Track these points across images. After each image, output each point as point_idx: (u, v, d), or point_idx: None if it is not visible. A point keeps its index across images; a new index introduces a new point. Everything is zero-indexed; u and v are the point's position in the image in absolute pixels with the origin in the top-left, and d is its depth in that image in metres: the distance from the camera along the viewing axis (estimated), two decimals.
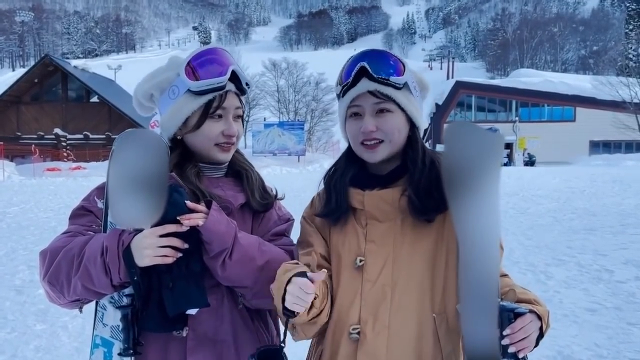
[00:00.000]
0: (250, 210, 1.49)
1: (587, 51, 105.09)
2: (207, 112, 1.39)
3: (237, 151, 1.57)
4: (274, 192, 1.58)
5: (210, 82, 1.36)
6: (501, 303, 1.17)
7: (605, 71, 51.10)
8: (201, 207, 1.29)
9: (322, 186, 1.54)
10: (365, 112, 1.39)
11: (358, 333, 1.34)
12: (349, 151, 1.49)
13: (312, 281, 1.19)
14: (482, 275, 1.11)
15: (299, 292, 1.19)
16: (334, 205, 1.44)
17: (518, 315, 1.17)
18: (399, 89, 1.37)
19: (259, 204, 1.48)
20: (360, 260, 1.38)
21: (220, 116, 1.42)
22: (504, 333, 1.13)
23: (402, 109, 1.39)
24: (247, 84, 1.46)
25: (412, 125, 1.43)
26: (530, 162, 33.95)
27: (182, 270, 1.24)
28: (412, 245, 1.37)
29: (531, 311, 1.19)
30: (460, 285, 1.15)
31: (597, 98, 39.59)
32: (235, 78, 1.42)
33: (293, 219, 1.59)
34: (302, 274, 1.21)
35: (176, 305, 1.23)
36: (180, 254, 1.22)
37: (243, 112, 1.51)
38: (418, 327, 1.34)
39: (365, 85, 1.37)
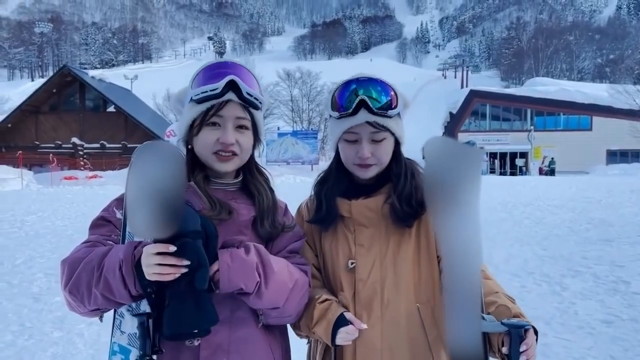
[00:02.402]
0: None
1: (603, 60, 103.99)
2: (204, 120, 1.43)
3: (259, 171, 1.59)
4: (285, 219, 1.57)
5: (204, 89, 1.41)
6: (508, 321, 1.26)
7: (622, 80, 50.55)
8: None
9: (310, 195, 1.69)
10: (362, 140, 1.52)
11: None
12: (338, 163, 1.62)
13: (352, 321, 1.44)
14: (464, 282, 1.16)
15: (348, 337, 1.43)
16: (324, 213, 1.59)
17: (526, 331, 1.24)
18: (392, 117, 1.51)
19: (265, 232, 1.48)
20: (352, 263, 1.55)
21: (217, 124, 1.43)
22: (521, 350, 1.22)
23: (393, 134, 1.53)
24: (250, 94, 1.43)
25: (397, 141, 1.58)
26: (550, 170, 33.01)
27: (181, 289, 1.18)
28: (396, 246, 1.54)
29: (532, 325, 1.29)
30: (443, 289, 1.22)
31: (614, 107, 39.17)
32: (237, 88, 1.42)
33: (304, 237, 1.62)
34: (344, 319, 1.43)
35: (169, 326, 1.19)
36: (183, 270, 1.18)
37: (255, 124, 1.50)
38: (407, 317, 1.51)
39: (364, 116, 1.48)
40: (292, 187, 18.37)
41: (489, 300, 1.37)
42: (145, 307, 1.31)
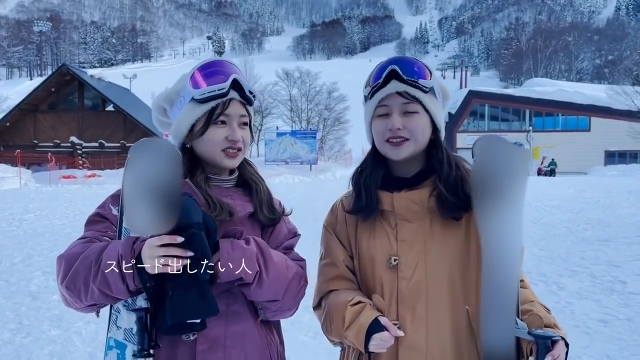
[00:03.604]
0: (259, 221, 1.53)
1: (602, 60, 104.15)
2: (210, 119, 1.44)
3: (249, 163, 1.61)
4: (282, 207, 1.60)
5: (211, 89, 1.42)
6: (535, 331, 1.23)
7: (621, 80, 50.48)
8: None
9: (348, 188, 1.61)
10: (393, 112, 1.46)
11: (398, 329, 1.39)
12: (375, 152, 1.56)
13: (387, 328, 1.33)
14: (503, 282, 1.17)
15: (383, 344, 1.33)
16: (364, 203, 1.50)
17: (554, 342, 1.21)
18: (425, 92, 1.46)
19: (266, 218, 1.51)
20: (395, 260, 1.44)
21: (223, 122, 1.46)
22: None
23: (427, 111, 1.47)
24: (251, 92, 1.48)
25: (435, 129, 1.51)
26: (550, 171, 32.83)
27: (184, 279, 1.20)
28: (442, 243, 1.44)
29: (562, 337, 1.25)
30: (481, 289, 1.21)
31: (613, 107, 39.19)
32: (238, 87, 1.45)
33: (299, 234, 1.63)
34: (378, 325, 1.33)
35: (173, 314, 1.21)
36: (187, 261, 1.20)
37: (250, 121, 1.54)
38: (453, 320, 1.41)
39: (394, 86, 1.45)
40: (291, 187, 18.40)
41: (525, 308, 1.35)
42: (141, 302, 1.32)
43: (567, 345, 1.25)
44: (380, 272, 1.46)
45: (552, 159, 34.48)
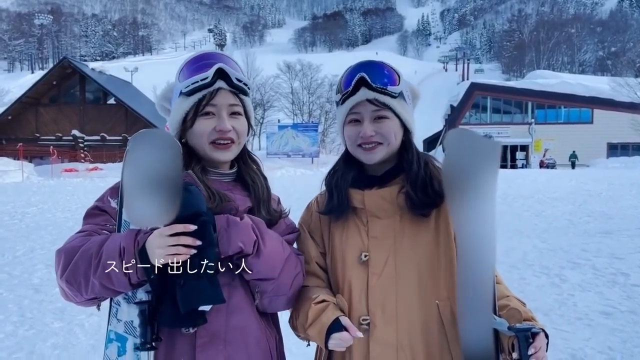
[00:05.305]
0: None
1: (605, 52, 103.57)
2: (198, 111, 1.42)
3: (252, 159, 1.59)
4: (280, 207, 1.59)
5: (194, 79, 1.40)
6: (513, 325, 1.25)
7: (624, 72, 50.25)
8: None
9: (323, 188, 1.65)
10: (364, 119, 1.50)
11: (368, 324, 1.42)
12: (347, 154, 1.59)
13: (347, 328, 1.34)
14: (478, 274, 1.17)
15: (342, 343, 1.35)
16: (336, 203, 1.54)
17: (535, 335, 1.23)
18: (394, 97, 1.48)
19: (263, 219, 1.48)
20: (365, 256, 1.47)
21: (212, 113, 1.43)
22: (529, 353, 1.21)
23: (397, 115, 1.49)
24: (240, 80, 1.44)
25: (406, 130, 1.55)
26: (571, 164, 32.49)
27: (194, 267, 1.21)
28: (412, 239, 1.47)
29: (542, 329, 1.27)
30: (457, 283, 1.21)
31: (615, 100, 39.01)
32: (225, 76, 1.42)
33: (298, 230, 1.63)
34: (339, 324, 1.35)
35: (186, 302, 1.22)
36: (194, 251, 1.21)
37: (246, 110, 1.51)
38: (423, 314, 1.43)
39: (364, 94, 1.47)
40: (293, 180, 18.38)
41: (502, 303, 1.36)
42: (141, 295, 1.31)
43: (547, 336, 1.27)
44: (351, 268, 1.49)
45: (574, 151, 34.46)
